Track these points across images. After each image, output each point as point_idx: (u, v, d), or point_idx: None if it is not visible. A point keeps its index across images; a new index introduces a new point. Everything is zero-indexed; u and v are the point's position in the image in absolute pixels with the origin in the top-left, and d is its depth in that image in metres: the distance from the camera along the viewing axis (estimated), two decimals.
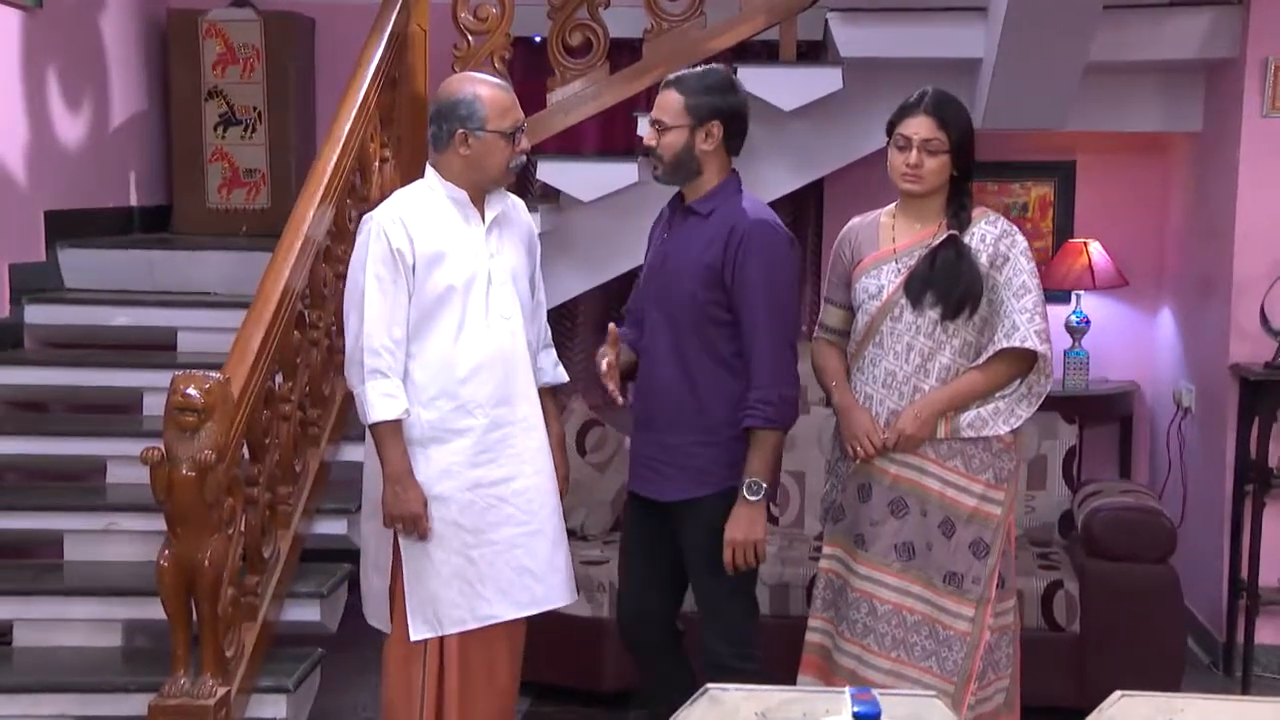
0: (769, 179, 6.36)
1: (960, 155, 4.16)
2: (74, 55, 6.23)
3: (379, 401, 4.05)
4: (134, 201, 6.82)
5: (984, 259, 4.13)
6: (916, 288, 4.13)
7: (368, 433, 4.19)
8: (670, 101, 4.19)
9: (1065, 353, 6.93)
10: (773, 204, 6.67)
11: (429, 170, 4.25)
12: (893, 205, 4.32)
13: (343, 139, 5.20)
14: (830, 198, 6.98)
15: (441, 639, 4.18)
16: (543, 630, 5.34)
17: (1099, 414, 7.02)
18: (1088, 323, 6.96)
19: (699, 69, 4.31)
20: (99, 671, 4.65)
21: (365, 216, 4.21)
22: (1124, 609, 5.33)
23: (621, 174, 6.08)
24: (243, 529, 4.44)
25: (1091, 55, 5.68)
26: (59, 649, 4.77)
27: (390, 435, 4.07)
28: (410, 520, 4.09)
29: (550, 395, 4.45)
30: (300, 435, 4.93)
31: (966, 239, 4.15)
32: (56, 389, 5.70)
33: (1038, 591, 5.33)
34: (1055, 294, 6.91)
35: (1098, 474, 6.82)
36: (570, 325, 7.37)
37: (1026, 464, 5.84)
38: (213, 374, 4.15)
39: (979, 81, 5.92)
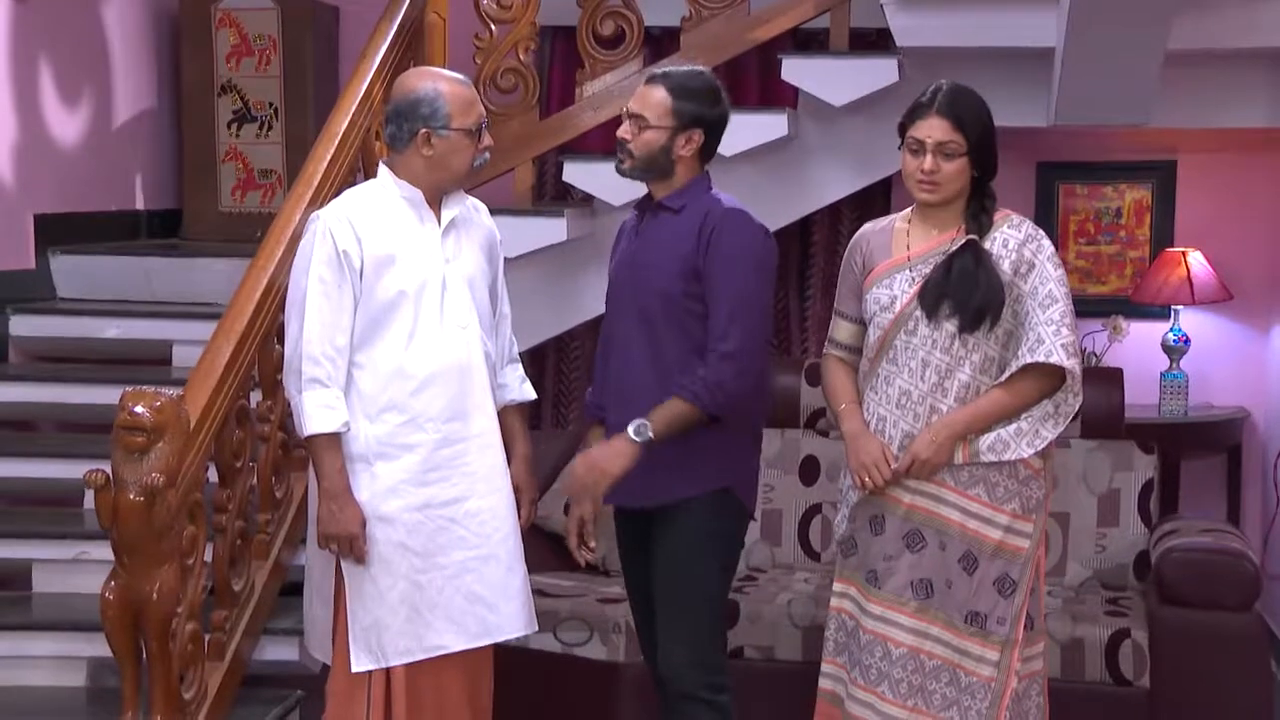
0: (823, 179, 6.41)
1: (980, 155, 4.15)
2: (71, 46, 6.37)
3: (316, 413, 4.12)
4: (141, 205, 6.96)
5: (1006, 266, 4.12)
6: (932, 298, 4.13)
7: None
8: (656, 99, 4.29)
9: (1162, 375, 6.87)
10: (833, 207, 6.76)
11: (382, 169, 4.33)
12: (909, 209, 4.31)
13: (339, 135, 5.29)
14: (899, 201, 6.93)
15: (388, 671, 4.22)
16: (553, 673, 5.43)
17: (1202, 444, 6.96)
18: (1187, 341, 6.88)
19: (687, 68, 4.43)
20: (59, 713, 4.75)
21: (311, 215, 4.29)
22: (1200, 662, 5.25)
23: None
24: (207, 559, 4.50)
25: (1179, 42, 5.61)
26: (20, 688, 4.85)
27: (327, 449, 4.14)
28: (346, 540, 4.14)
29: (517, 413, 4.53)
30: (282, 458, 5.01)
31: (987, 244, 4.14)
32: (41, 406, 5.83)
33: (1101, 641, 5.25)
34: (1151, 310, 6.89)
35: (1202, 510, 6.74)
36: None
37: (1098, 498, 5.79)
38: (165, 390, 4.23)
39: (1052, 73, 5.89)
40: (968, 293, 4.10)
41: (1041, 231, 4.20)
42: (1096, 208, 7.21)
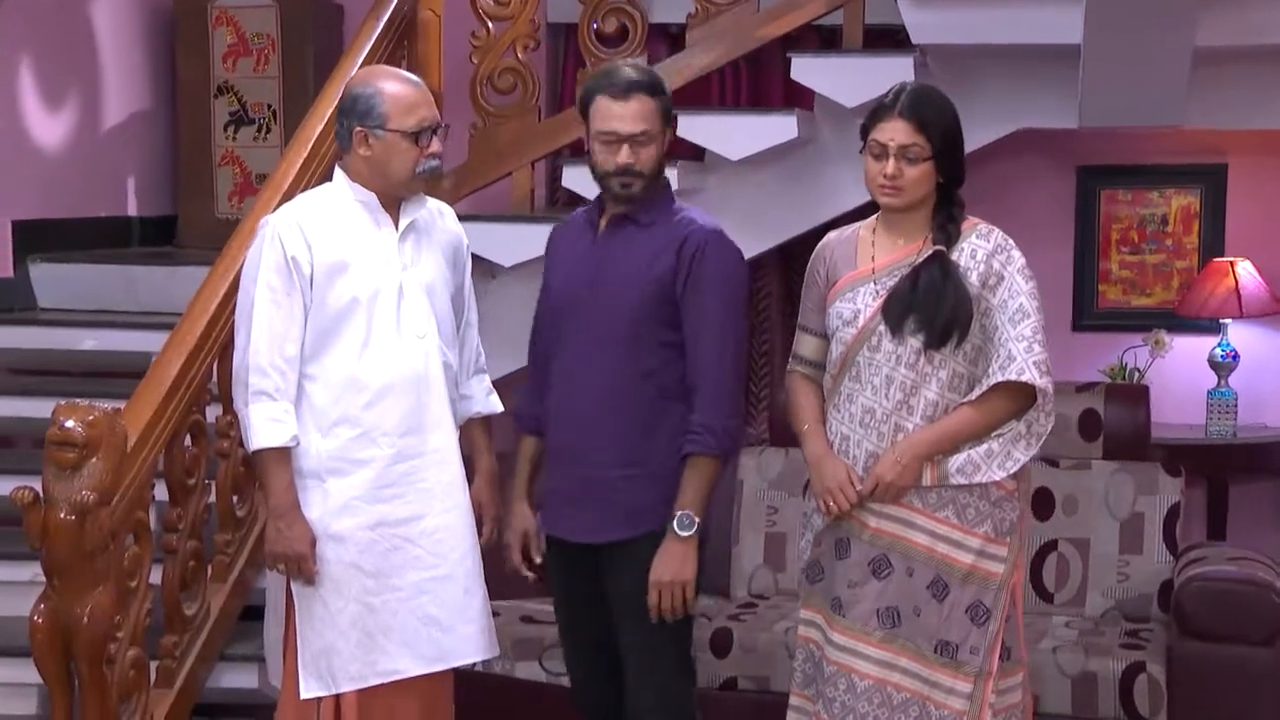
0: (841, 184, 6.37)
1: (946, 160, 4.14)
2: (56, 46, 6.48)
3: (263, 427, 4.15)
4: (133, 211, 7.07)
5: (974, 278, 4.10)
6: (896, 312, 4.12)
7: None
8: (648, 110, 4.24)
9: (1209, 393, 6.82)
10: (856, 214, 6.72)
11: (337, 172, 4.34)
12: (874, 218, 4.31)
13: (313, 138, 5.37)
14: None
15: (338, 698, 4.24)
16: (539, 702, 5.46)
17: (1254, 466, 6.91)
18: (1236, 357, 6.82)
19: (634, 65, 4.40)
20: None
21: (261, 220, 4.32)
22: (1221, 699, 5.21)
23: None
24: (156, 581, 4.56)
25: (1211, 39, 5.59)
26: None
27: (275, 464, 4.17)
28: (294, 561, 4.18)
29: (482, 427, 4.57)
30: (244, 475, 5.05)
31: (955, 255, 4.13)
32: (16, 421, 5.89)
33: (1115, 675, 5.21)
34: (1198, 323, 6.82)
35: (1254, 540, 6.66)
36: None
37: (1120, 524, 5.75)
38: (100, 404, 4.28)
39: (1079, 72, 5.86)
40: (934, 307, 4.09)
41: (1012, 242, 4.18)
42: (1141, 214, 7.16)
